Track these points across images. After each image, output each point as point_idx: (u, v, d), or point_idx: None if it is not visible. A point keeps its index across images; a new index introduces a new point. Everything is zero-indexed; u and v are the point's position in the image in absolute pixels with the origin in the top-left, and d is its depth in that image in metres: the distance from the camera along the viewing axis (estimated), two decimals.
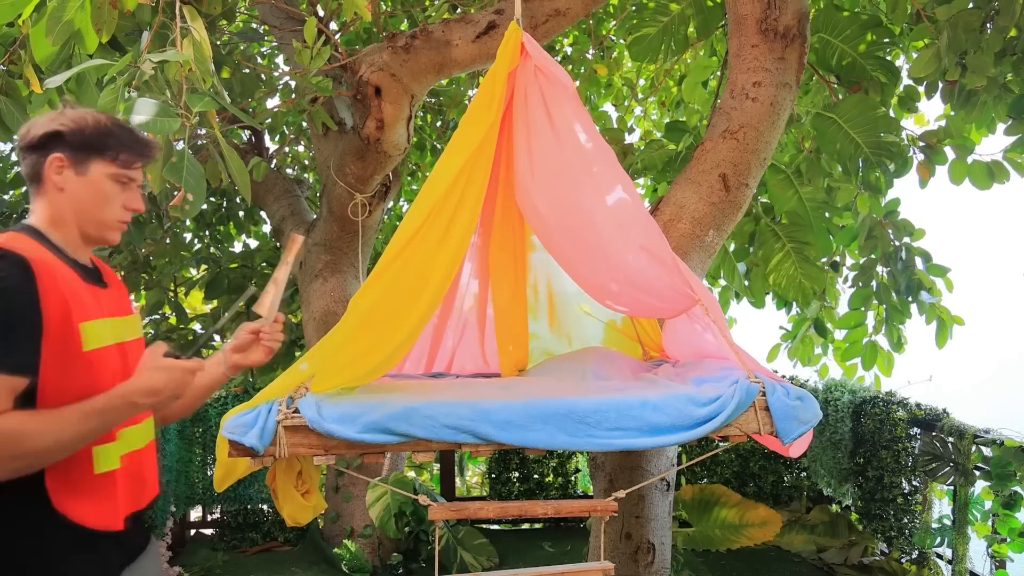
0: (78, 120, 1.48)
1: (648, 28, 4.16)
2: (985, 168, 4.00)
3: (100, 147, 1.48)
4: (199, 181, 1.85)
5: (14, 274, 1.32)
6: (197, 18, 1.95)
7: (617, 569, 2.99)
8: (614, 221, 2.34)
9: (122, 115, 1.76)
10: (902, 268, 4.41)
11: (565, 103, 2.40)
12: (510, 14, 3.06)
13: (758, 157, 3.14)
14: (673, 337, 2.81)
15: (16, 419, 1.29)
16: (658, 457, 3.14)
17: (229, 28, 4.39)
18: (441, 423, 2.08)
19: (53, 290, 1.36)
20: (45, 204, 1.51)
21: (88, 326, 1.41)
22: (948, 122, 4.15)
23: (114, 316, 1.52)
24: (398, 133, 3.82)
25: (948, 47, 3.16)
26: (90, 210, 1.50)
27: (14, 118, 2.41)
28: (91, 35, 1.89)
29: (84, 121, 1.48)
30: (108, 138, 1.49)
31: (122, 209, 1.53)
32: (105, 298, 1.52)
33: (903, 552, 4.42)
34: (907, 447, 4.38)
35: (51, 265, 1.39)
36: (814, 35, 3.67)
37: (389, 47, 3.59)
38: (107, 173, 1.50)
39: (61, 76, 1.87)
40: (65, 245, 1.50)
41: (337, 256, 4.61)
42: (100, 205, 1.50)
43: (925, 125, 4.64)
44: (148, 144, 1.54)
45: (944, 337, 4.47)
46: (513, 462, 5.49)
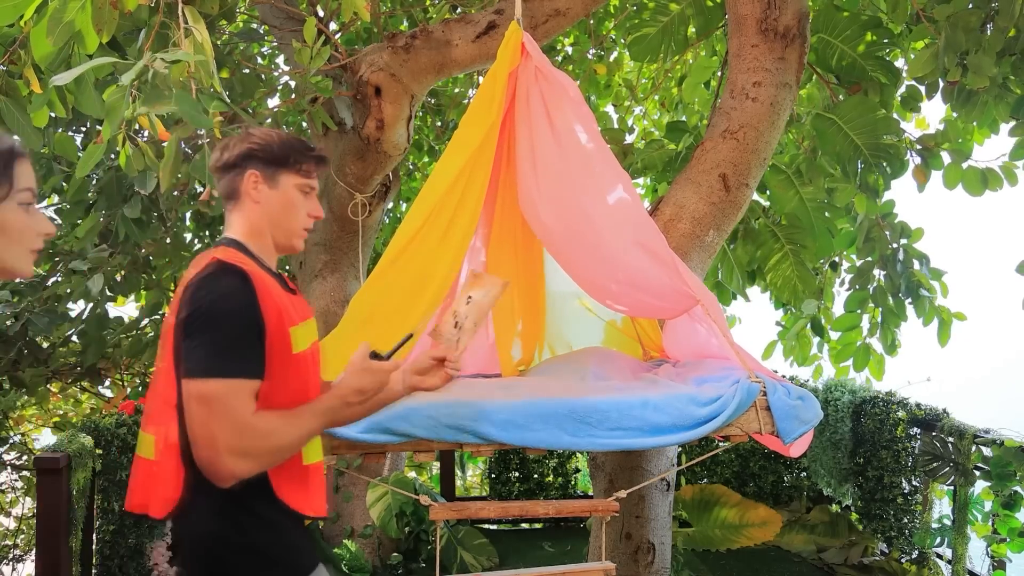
0: (266, 138, 1.60)
1: (648, 28, 4.16)
2: (979, 175, 4.02)
3: (287, 161, 1.60)
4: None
5: (240, 287, 1.45)
6: (199, 19, 1.94)
7: (617, 569, 2.99)
8: (614, 221, 2.34)
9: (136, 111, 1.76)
10: (901, 270, 4.42)
11: (565, 103, 2.40)
12: (510, 14, 3.06)
13: (758, 157, 3.14)
14: (674, 337, 2.81)
15: (269, 420, 1.44)
16: (658, 457, 3.14)
17: (229, 28, 4.39)
18: (442, 423, 2.08)
19: (268, 299, 1.48)
20: (243, 217, 1.62)
21: (295, 330, 1.53)
22: (947, 126, 4.16)
23: (305, 320, 1.62)
24: (398, 133, 3.82)
25: (947, 47, 3.16)
26: (282, 219, 1.62)
27: (14, 118, 2.40)
28: (91, 35, 1.89)
29: (271, 139, 1.61)
30: (292, 152, 1.61)
31: (306, 216, 1.65)
32: (297, 303, 1.62)
33: (903, 552, 4.42)
34: (907, 447, 4.38)
35: (262, 276, 1.51)
36: (814, 35, 3.67)
37: (389, 47, 3.59)
38: (294, 184, 1.62)
39: (67, 75, 1.87)
40: (261, 254, 1.61)
41: (337, 256, 4.61)
42: (290, 214, 1.62)
43: (926, 128, 4.65)
44: (323, 155, 1.67)
45: (946, 335, 4.47)
46: (513, 462, 5.49)
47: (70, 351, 5.20)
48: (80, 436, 3.02)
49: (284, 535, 1.51)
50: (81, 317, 4.67)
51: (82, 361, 4.94)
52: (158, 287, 5.57)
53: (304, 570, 1.53)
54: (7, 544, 4.77)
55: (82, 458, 2.92)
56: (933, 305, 4.45)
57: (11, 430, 5.97)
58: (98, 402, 6.35)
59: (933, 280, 4.49)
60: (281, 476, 1.50)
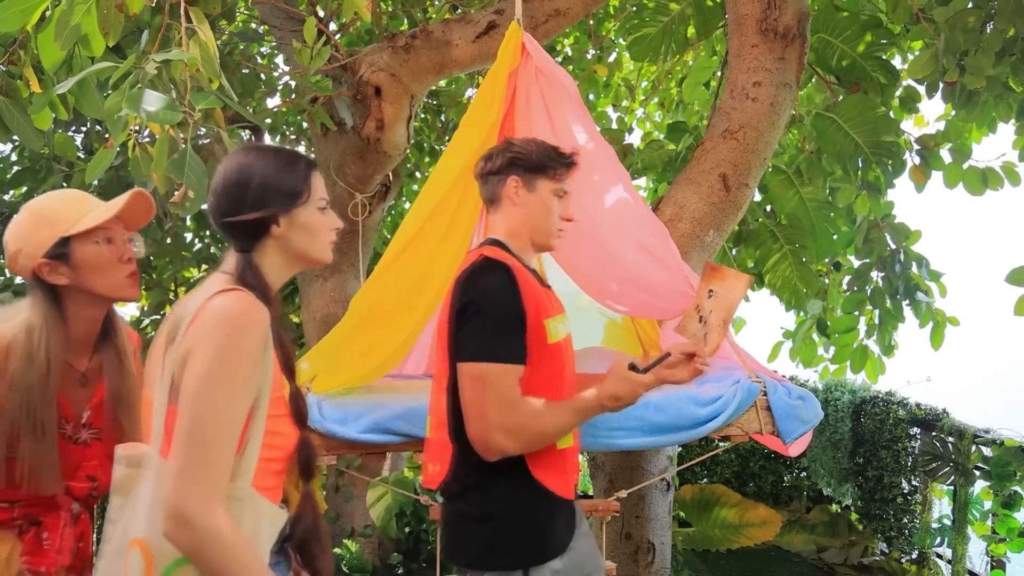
0: (525, 147, 1.75)
1: (648, 28, 4.16)
2: (979, 174, 4.01)
3: (543, 167, 1.74)
4: (200, 178, 1.85)
5: (505, 281, 1.60)
6: (203, 19, 1.94)
7: (617, 569, 3.00)
8: (614, 221, 2.34)
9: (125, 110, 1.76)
10: (900, 271, 4.42)
11: (565, 103, 2.40)
12: (510, 14, 3.06)
13: (758, 157, 3.14)
14: (673, 337, 2.81)
15: (533, 406, 1.57)
16: (658, 457, 3.14)
17: (229, 28, 4.39)
18: None
19: (528, 292, 1.62)
20: (505, 219, 1.77)
21: (549, 322, 1.65)
22: (947, 125, 4.15)
23: (559, 314, 1.74)
24: (398, 133, 3.82)
25: (946, 48, 3.17)
26: (539, 221, 1.75)
27: (14, 119, 2.40)
28: (98, 39, 1.89)
29: (530, 147, 1.75)
30: (547, 159, 1.74)
31: (559, 219, 1.77)
32: (554, 300, 1.76)
33: (903, 552, 4.43)
34: (907, 447, 4.38)
35: (522, 271, 1.66)
36: (814, 35, 3.68)
37: (389, 47, 3.59)
38: (550, 189, 1.75)
39: (69, 81, 1.88)
40: (520, 253, 1.75)
41: (337, 256, 4.61)
42: (546, 216, 1.75)
43: (925, 127, 4.64)
44: (573, 160, 1.78)
45: (939, 338, 4.47)
46: None
47: None
48: None
49: (540, 515, 1.63)
50: None
51: None
52: (159, 287, 5.56)
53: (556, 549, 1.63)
54: None
55: None
56: (930, 307, 4.45)
57: None
58: None
59: (931, 282, 4.49)
60: (538, 459, 1.62)
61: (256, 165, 1.31)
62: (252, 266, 1.30)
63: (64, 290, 1.45)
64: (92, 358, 1.52)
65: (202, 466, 1.12)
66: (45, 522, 1.43)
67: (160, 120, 1.75)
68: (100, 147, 1.99)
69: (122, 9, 1.87)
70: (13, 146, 4.99)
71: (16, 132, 2.41)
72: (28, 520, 1.42)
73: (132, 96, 1.76)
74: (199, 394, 1.13)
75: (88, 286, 1.45)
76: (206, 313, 1.18)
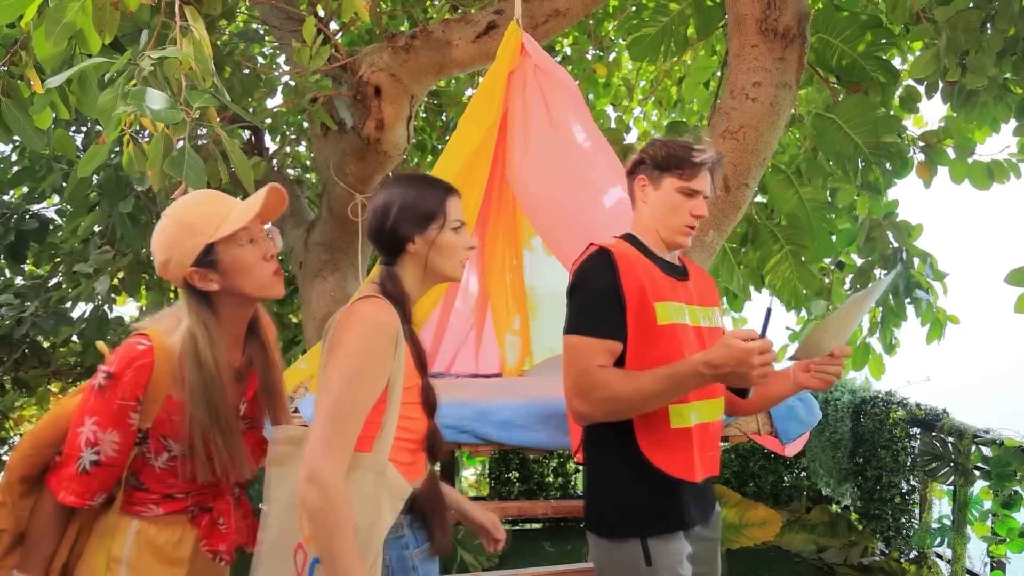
0: (655, 146, 1.83)
1: (648, 28, 4.16)
2: (985, 168, 4.01)
3: (669, 166, 1.80)
4: (199, 175, 1.85)
5: (601, 264, 1.73)
6: (198, 18, 1.94)
7: None
8: (614, 219, 2.34)
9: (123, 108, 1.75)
10: (901, 270, 4.42)
11: (565, 103, 2.40)
12: (510, 14, 3.06)
13: (758, 157, 3.14)
14: None
15: (609, 373, 1.66)
16: None
17: (229, 28, 4.39)
18: (442, 423, 2.07)
19: (630, 275, 1.70)
20: (636, 216, 1.88)
21: (661, 305, 1.71)
22: (948, 123, 4.15)
23: (691, 304, 1.80)
24: (398, 133, 3.82)
25: (947, 48, 3.16)
26: (665, 218, 1.81)
27: (15, 119, 2.41)
28: (93, 36, 1.89)
29: (659, 146, 1.82)
30: (673, 159, 1.79)
31: (689, 215, 1.81)
32: (684, 289, 1.81)
33: (902, 552, 4.42)
34: (907, 447, 4.38)
35: (632, 258, 1.75)
36: (814, 35, 3.67)
37: (389, 47, 3.59)
38: (676, 187, 1.80)
39: (61, 76, 1.87)
40: (653, 247, 1.84)
41: (337, 256, 4.61)
42: (670, 214, 1.81)
43: (924, 127, 4.64)
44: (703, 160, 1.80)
45: (935, 334, 4.47)
46: (513, 462, 5.48)
47: (70, 351, 5.20)
48: None
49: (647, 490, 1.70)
50: (84, 318, 4.68)
51: (82, 361, 4.95)
52: (159, 287, 5.57)
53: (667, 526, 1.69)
54: None
55: None
56: (931, 305, 4.45)
57: (11, 430, 5.97)
58: None
59: (935, 281, 4.48)
60: (646, 435, 1.70)
61: (398, 191, 1.55)
62: (393, 277, 1.53)
63: (215, 295, 1.50)
64: (243, 353, 1.61)
65: (333, 439, 1.35)
66: (216, 507, 1.56)
67: (162, 119, 1.75)
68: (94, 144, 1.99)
69: (118, 7, 1.87)
70: (13, 146, 4.99)
71: (17, 132, 2.41)
72: (199, 507, 1.55)
73: (136, 93, 1.76)
74: (336, 381, 1.37)
75: (237, 288, 1.51)
76: (349, 316, 1.43)
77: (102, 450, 1.43)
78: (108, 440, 1.44)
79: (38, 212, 4.86)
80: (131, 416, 1.45)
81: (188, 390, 1.45)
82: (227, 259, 1.48)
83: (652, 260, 1.79)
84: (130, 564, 1.46)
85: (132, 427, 1.46)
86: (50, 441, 1.50)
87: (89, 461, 1.43)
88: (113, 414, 1.43)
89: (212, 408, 1.47)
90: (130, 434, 1.46)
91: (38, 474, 1.49)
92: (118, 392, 1.43)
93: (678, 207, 1.80)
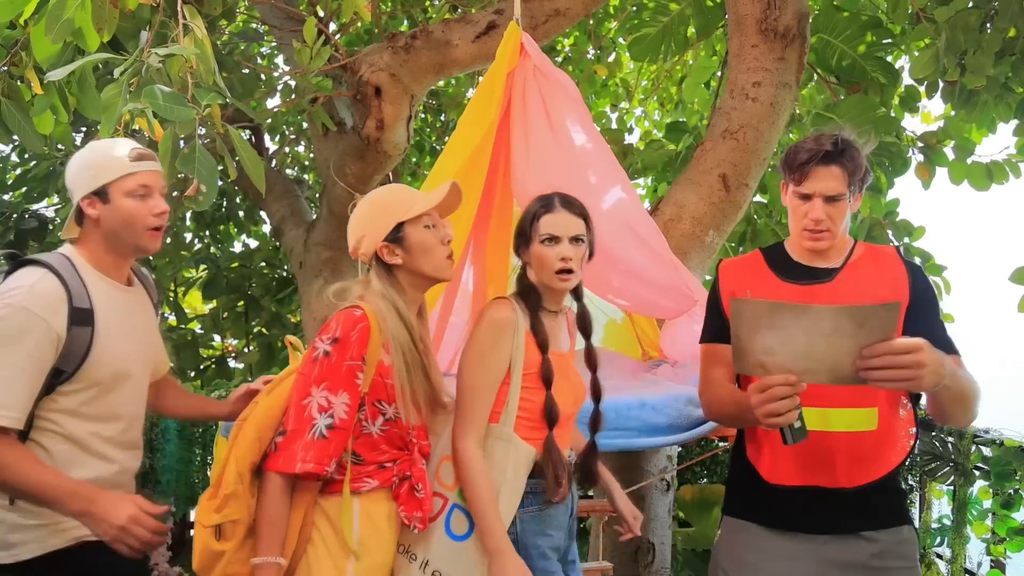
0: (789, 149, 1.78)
1: (648, 28, 4.16)
2: (984, 169, 4.01)
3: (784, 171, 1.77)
4: (211, 172, 1.86)
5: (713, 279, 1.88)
6: (197, 16, 1.94)
7: (617, 569, 3.00)
8: (614, 220, 2.34)
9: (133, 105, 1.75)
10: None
11: (564, 103, 2.40)
12: (510, 14, 3.06)
13: (758, 157, 3.14)
14: (672, 338, 2.81)
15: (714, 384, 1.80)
16: (657, 457, 3.15)
17: (229, 28, 4.39)
18: None
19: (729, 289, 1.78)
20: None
21: None
22: (948, 123, 4.15)
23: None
24: (398, 133, 3.82)
25: (947, 47, 3.17)
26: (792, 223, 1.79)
27: (15, 120, 2.41)
28: (92, 34, 1.89)
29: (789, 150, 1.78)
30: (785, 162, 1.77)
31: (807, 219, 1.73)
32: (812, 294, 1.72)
33: None
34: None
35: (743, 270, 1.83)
36: (814, 35, 3.68)
37: (389, 47, 3.59)
38: (792, 191, 1.76)
39: (63, 69, 1.87)
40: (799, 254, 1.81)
41: (337, 256, 4.61)
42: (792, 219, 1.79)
43: (930, 123, 4.64)
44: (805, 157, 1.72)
45: None
46: None
47: None
48: None
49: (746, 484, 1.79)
50: None
51: None
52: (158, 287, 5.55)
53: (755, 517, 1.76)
54: None
55: None
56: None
57: None
58: None
59: (935, 277, 4.48)
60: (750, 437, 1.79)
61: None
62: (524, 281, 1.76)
63: (398, 270, 1.68)
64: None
65: (467, 416, 1.64)
66: (414, 474, 1.65)
67: (174, 116, 1.76)
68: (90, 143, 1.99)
69: (116, 4, 1.87)
70: (14, 146, 4.99)
71: (17, 133, 2.42)
72: (400, 476, 1.65)
73: (148, 91, 1.76)
74: (464, 370, 1.67)
75: (416, 266, 1.68)
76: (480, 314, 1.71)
77: (335, 413, 1.53)
78: (340, 403, 1.53)
79: (38, 211, 4.87)
80: (358, 376, 1.56)
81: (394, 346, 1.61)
82: (413, 238, 1.65)
83: (777, 268, 1.79)
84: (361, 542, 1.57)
85: (359, 388, 1.57)
86: (272, 424, 1.57)
87: (324, 426, 1.51)
88: (342, 376, 1.54)
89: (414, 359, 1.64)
90: (357, 395, 1.56)
91: (260, 461, 1.56)
92: (345, 354, 1.54)
93: (795, 211, 1.77)
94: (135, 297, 1.78)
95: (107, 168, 1.65)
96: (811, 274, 1.77)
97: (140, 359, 1.74)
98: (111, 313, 1.66)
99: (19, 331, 1.50)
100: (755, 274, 1.80)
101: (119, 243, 1.68)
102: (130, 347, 1.70)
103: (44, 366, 1.53)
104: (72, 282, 1.59)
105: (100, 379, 1.62)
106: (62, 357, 1.56)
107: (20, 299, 1.51)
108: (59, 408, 1.59)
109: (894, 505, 1.76)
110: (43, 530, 1.58)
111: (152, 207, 1.69)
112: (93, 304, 1.62)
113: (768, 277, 1.78)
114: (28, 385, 1.52)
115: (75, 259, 1.66)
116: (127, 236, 1.67)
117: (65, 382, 1.58)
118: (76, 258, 1.66)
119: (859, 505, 1.70)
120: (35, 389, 1.53)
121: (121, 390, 1.68)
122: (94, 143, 1.72)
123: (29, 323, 1.51)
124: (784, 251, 1.83)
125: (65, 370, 1.57)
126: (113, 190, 1.64)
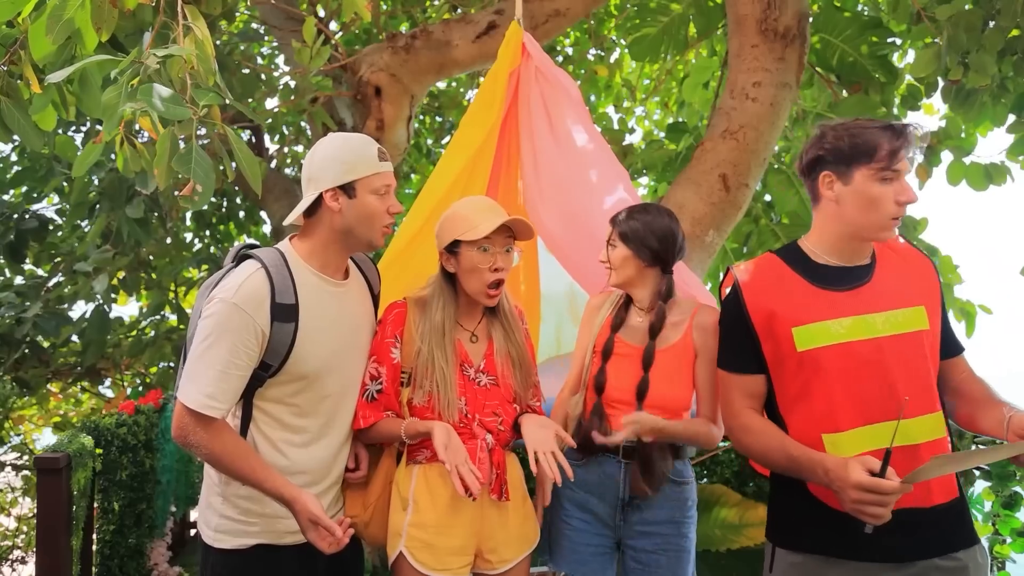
0: (830, 137, 1.60)
1: (648, 28, 4.16)
2: (982, 170, 4.01)
3: (860, 156, 1.55)
4: (208, 172, 1.85)
5: (730, 294, 1.68)
6: (199, 17, 1.94)
7: None
8: None
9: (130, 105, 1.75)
10: None
11: (564, 104, 2.39)
12: (510, 14, 3.06)
13: (758, 157, 3.14)
14: None
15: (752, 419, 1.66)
16: None
17: (229, 28, 4.39)
18: None
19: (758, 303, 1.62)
20: (818, 218, 1.66)
21: (801, 330, 1.57)
22: (947, 122, 4.15)
23: (868, 313, 1.57)
24: (398, 133, 3.82)
25: (949, 47, 3.16)
26: (863, 214, 1.57)
27: (15, 119, 2.40)
28: (91, 34, 1.88)
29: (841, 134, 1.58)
30: (864, 146, 1.55)
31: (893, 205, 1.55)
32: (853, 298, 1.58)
33: None
34: None
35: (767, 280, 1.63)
36: (814, 35, 3.68)
37: (389, 47, 3.60)
38: (871, 176, 1.55)
39: (63, 72, 1.86)
40: (825, 253, 1.64)
41: None
42: (868, 209, 1.56)
43: (932, 113, 4.63)
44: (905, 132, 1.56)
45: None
46: None
47: (70, 351, 5.20)
48: (80, 436, 3.01)
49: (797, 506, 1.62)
50: (84, 318, 4.68)
51: (82, 361, 4.95)
52: (159, 287, 5.56)
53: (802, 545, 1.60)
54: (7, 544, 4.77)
55: (82, 458, 2.92)
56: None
57: (11, 430, 5.97)
58: (98, 402, 6.35)
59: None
60: None
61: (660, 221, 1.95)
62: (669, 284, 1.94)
63: (457, 276, 1.84)
64: (479, 323, 1.91)
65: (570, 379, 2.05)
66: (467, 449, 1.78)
67: (171, 115, 1.75)
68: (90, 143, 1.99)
69: (116, 4, 1.86)
70: (14, 146, 4.99)
71: (17, 132, 2.41)
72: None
73: (144, 90, 1.76)
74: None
75: (463, 283, 1.83)
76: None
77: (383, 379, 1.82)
78: (383, 372, 1.82)
79: (38, 212, 4.87)
80: (392, 351, 1.82)
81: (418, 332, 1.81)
82: (464, 256, 1.79)
83: (806, 274, 1.61)
84: (415, 500, 1.80)
85: (395, 361, 1.82)
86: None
87: (375, 390, 1.81)
88: (383, 350, 1.82)
89: (431, 347, 1.79)
90: (393, 367, 1.82)
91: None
92: (382, 334, 1.84)
93: (878, 198, 1.54)
94: (348, 291, 1.82)
95: (359, 164, 1.70)
96: (846, 276, 1.60)
97: (348, 353, 1.80)
98: (318, 308, 1.70)
99: (228, 327, 1.59)
100: (782, 283, 1.61)
101: (350, 237, 1.74)
102: (336, 342, 1.75)
103: (251, 360, 1.62)
104: (279, 278, 1.65)
105: (305, 372, 1.69)
106: (267, 351, 1.64)
107: (230, 295, 1.60)
108: (270, 398, 1.69)
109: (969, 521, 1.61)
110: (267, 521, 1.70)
111: (390, 206, 1.76)
112: (299, 300, 1.67)
113: (800, 285, 1.60)
114: (235, 378, 1.61)
115: (289, 255, 1.72)
116: (362, 231, 1.73)
117: (273, 375, 1.67)
118: (291, 254, 1.72)
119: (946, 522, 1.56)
120: (242, 382, 1.63)
121: (329, 383, 1.74)
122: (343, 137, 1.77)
123: (237, 319, 1.59)
124: (802, 252, 1.65)
125: (272, 364, 1.65)
126: (361, 186, 1.71)
